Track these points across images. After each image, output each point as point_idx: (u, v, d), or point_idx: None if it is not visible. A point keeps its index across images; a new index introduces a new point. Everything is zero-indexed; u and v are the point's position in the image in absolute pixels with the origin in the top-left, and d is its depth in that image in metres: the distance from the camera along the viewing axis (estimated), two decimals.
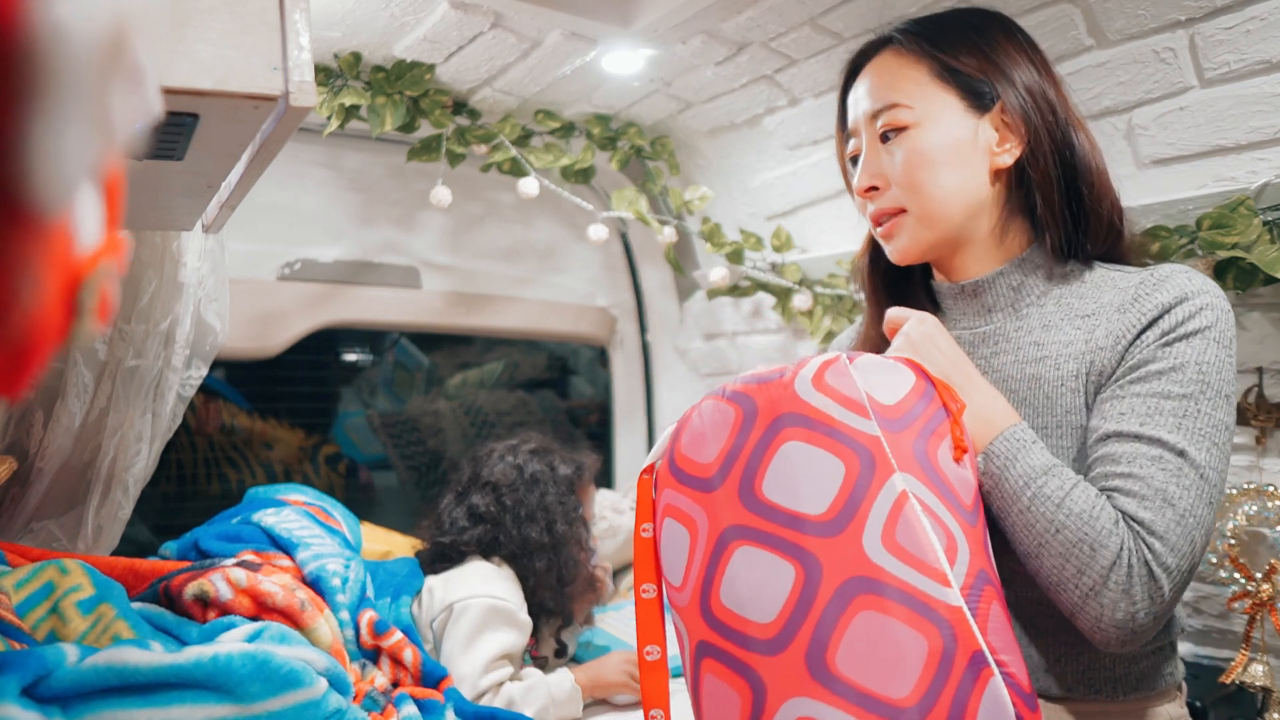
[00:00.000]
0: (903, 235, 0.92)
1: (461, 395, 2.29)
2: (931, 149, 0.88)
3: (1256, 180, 1.15)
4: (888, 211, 0.92)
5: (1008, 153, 0.90)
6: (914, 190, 0.89)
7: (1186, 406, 0.77)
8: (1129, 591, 0.74)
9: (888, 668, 0.65)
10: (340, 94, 1.47)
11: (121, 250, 0.28)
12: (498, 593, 1.31)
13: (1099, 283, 0.88)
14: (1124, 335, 0.82)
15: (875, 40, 0.96)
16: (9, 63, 0.20)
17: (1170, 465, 0.76)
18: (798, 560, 0.69)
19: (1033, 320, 0.90)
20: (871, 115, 0.92)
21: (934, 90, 0.89)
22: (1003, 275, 0.92)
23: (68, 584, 1.01)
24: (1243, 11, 1.09)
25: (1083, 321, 0.87)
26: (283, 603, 1.07)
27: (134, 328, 1.30)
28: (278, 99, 0.72)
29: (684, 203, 1.88)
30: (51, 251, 0.24)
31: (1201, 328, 0.79)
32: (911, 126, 0.89)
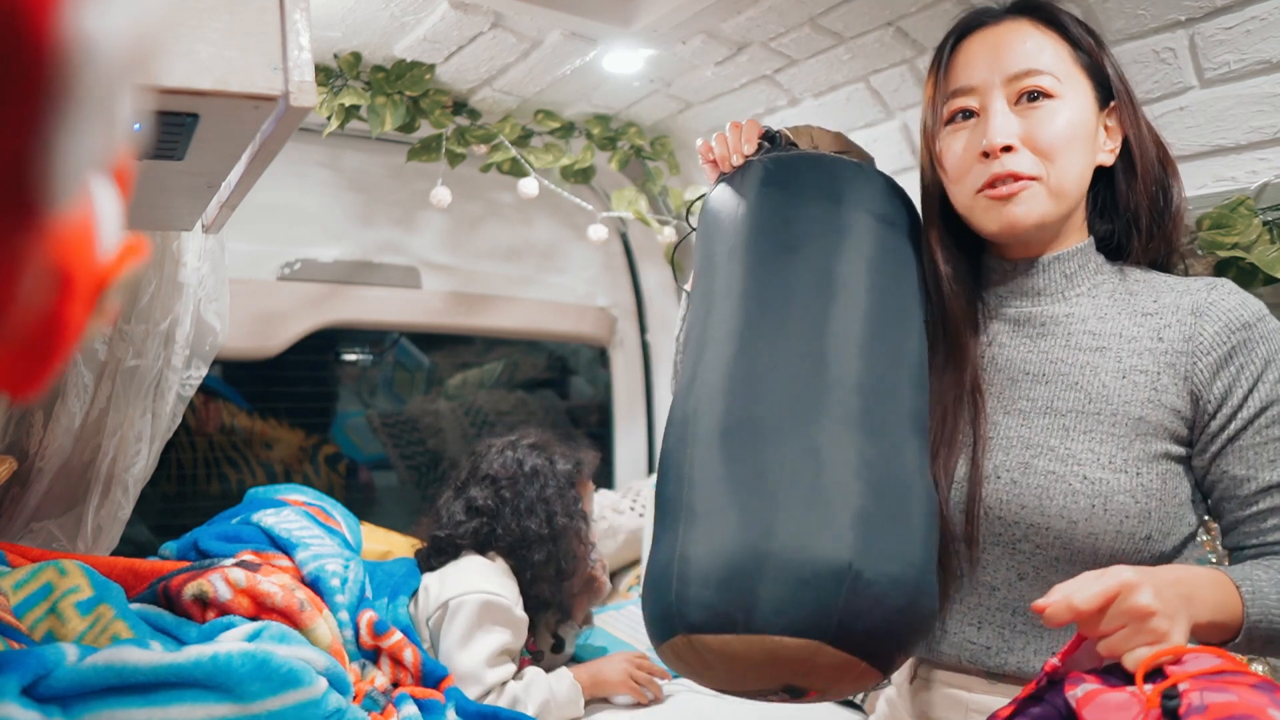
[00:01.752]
0: (1030, 203, 0.88)
1: (461, 395, 2.29)
2: (1073, 126, 0.88)
3: (1256, 180, 1.15)
4: (1019, 175, 0.87)
5: (1110, 152, 0.91)
6: (1055, 160, 0.87)
7: None
8: None
9: None
10: (340, 94, 1.47)
11: (143, 253, 0.28)
12: (492, 588, 1.31)
13: (1153, 283, 0.90)
14: (1212, 347, 0.84)
15: (997, 9, 0.94)
16: (40, 71, 0.20)
17: None
18: None
19: (1085, 309, 0.91)
20: (1013, 76, 0.88)
21: (1075, 70, 0.89)
22: (1059, 260, 0.92)
23: (66, 585, 1.01)
24: (1243, 11, 1.09)
25: (1145, 319, 0.87)
26: (282, 603, 1.07)
27: (134, 327, 1.30)
28: (278, 99, 0.72)
29: (684, 203, 1.88)
30: (77, 254, 0.24)
31: (1274, 351, 0.83)
32: (1057, 97, 0.87)
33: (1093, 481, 0.84)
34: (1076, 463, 0.85)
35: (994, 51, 0.90)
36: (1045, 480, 0.85)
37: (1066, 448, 0.86)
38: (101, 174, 0.25)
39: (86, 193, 0.24)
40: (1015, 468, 0.87)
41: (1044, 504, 0.84)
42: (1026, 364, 0.92)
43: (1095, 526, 0.83)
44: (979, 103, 0.90)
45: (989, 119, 0.88)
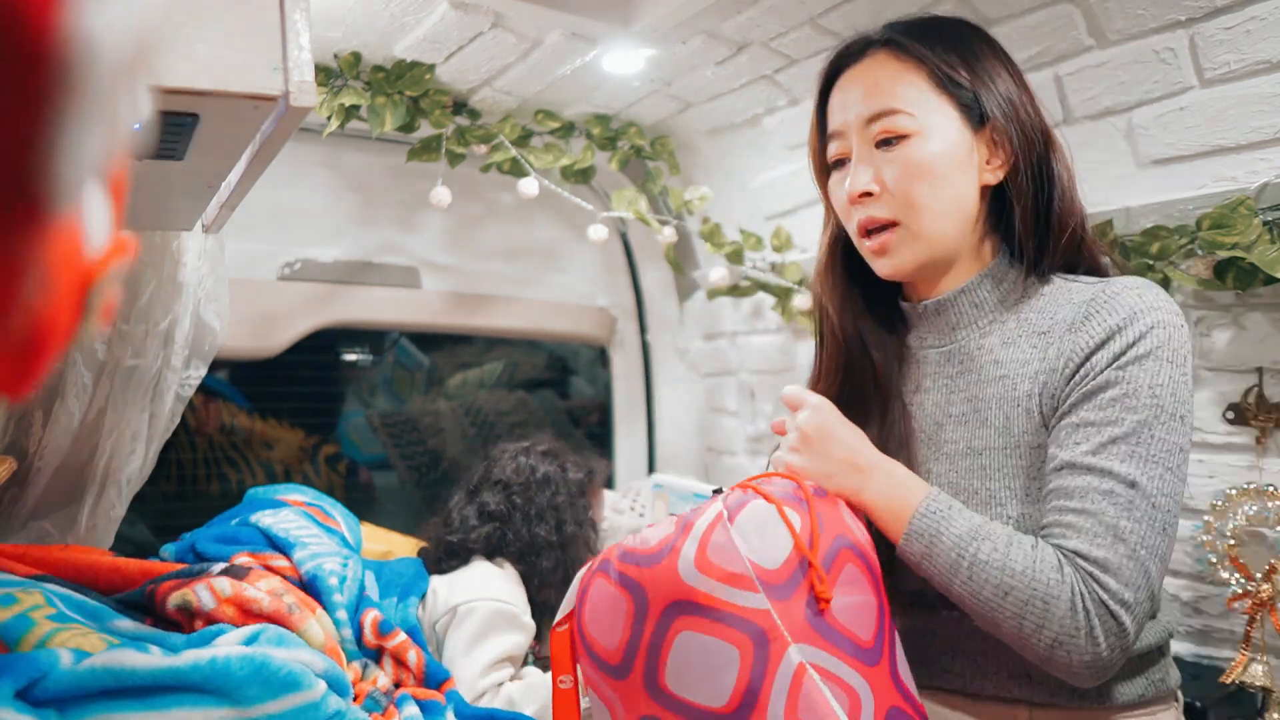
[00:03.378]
0: (898, 251, 0.87)
1: (461, 395, 2.29)
2: (932, 160, 0.85)
3: (1256, 180, 1.15)
4: (880, 222, 0.87)
5: (996, 169, 0.88)
6: (910, 203, 0.85)
7: (1140, 433, 0.77)
8: (1091, 634, 0.74)
9: None
10: (340, 94, 1.47)
11: (131, 251, 0.28)
12: (502, 595, 1.31)
13: (1055, 297, 0.87)
14: (1073, 356, 0.81)
15: (861, 41, 0.91)
16: (42, 68, 0.21)
17: (1121, 499, 0.75)
18: None
19: (994, 338, 0.89)
20: (868, 119, 0.87)
21: (935, 100, 0.86)
22: (964, 293, 0.90)
23: (29, 603, 0.98)
24: (1243, 11, 1.09)
25: (1039, 339, 0.85)
26: (269, 608, 1.06)
27: (133, 327, 1.29)
28: (278, 99, 0.72)
29: (684, 203, 1.88)
30: (62, 252, 0.24)
31: (1152, 349, 0.78)
32: (912, 135, 0.85)
33: (1015, 519, 0.84)
34: (998, 503, 0.85)
35: (854, 92, 0.89)
36: None
37: (988, 489, 0.86)
38: (100, 172, 0.25)
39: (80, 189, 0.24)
40: None
41: None
42: (950, 405, 0.90)
43: None
44: (846, 146, 0.90)
45: (852, 165, 0.89)
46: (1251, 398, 1.21)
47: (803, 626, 0.71)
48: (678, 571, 0.73)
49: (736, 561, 0.72)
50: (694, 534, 0.74)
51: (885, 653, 0.75)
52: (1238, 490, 1.21)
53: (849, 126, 0.89)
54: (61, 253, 0.24)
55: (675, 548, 0.74)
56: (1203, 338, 1.25)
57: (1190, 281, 1.19)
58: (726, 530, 0.73)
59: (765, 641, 0.70)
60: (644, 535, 0.78)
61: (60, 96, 0.21)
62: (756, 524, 0.74)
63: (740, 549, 0.72)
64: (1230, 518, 1.21)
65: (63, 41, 0.20)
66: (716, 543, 0.73)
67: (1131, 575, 0.74)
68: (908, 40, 0.88)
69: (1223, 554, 1.21)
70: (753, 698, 0.70)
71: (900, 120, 0.85)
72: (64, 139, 0.22)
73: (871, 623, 0.75)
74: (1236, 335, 1.22)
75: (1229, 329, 1.23)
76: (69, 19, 0.20)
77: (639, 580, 0.75)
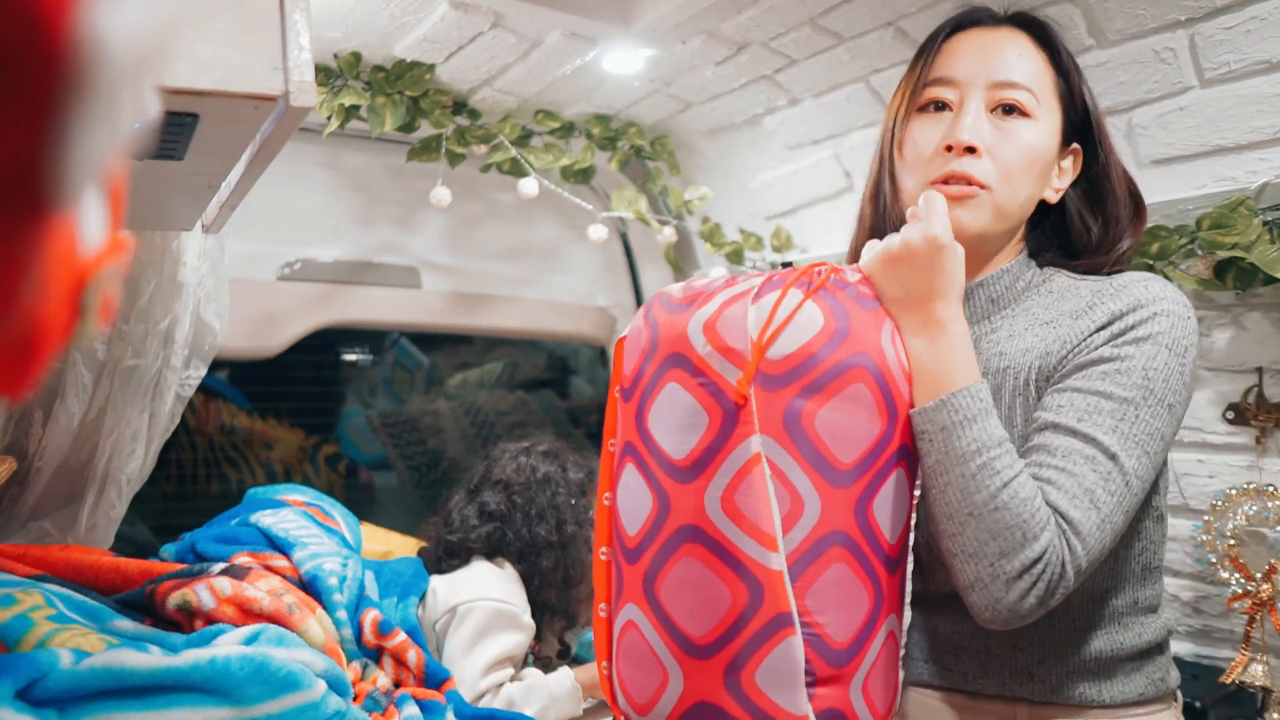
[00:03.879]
0: (976, 210, 0.86)
1: (461, 395, 2.29)
2: (1037, 149, 0.86)
3: (1256, 180, 1.15)
4: (973, 179, 0.85)
5: (1057, 191, 0.90)
6: (1009, 178, 0.86)
7: (1125, 410, 0.76)
8: (1045, 585, 0.73)
9: (695, 609, 0.73)
10: (340, 94, 1.47)
11: (126, 250, 0.28)
12: (501, 595, 1.31)
13: (1063, 291, 0.88)
14: (1071, 338, 0.82)
15: (995, 14, 0.92)
16: (53, 69, 0.21)
17: (1101, 467, 0.75)
18: (656, 495, 0.76)
19: (1002, 330, 0.90)
20: (996, 84, 0.86)
21: (1052, 98, 0.89)
22: (982, 286, 0.91)
23: (29, 603, 0.98)
24: (1243, 11, 1.09)
25: (1042, 329, 0.86)
26: (269, 608, 1.06)
27: (133, 327, 1.29)
28: (278, 99, 0.72)
29: (684, 203, 1.88)
30: (57, 251, 0.24)
31: (1153, 333, 0.78)
32: (1031, 117, 0.86)
33: None
34: None
35: (984, 52, 0.89)
36: None
37: None
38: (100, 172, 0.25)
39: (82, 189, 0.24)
40: None
41: None
42: None
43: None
44: (957, 97, 0.88)
45: (962, 115, 0.87)
46: (1251, 398, 1.21)
47: (775, 422, 0.72)
48: (686, 328, 0.76)
49: (739, 338, 0.73)
50: (717, 299, 0.76)
51: (860, 483, 0.74)
52: (1238, 490, 1.21)
53: (968, 78, 0.88)
54: (57, 252, 0.24)
55: (698, 305, 0.76)
56: (1203, 338, 1.25)
57: (1190, 281, 1.19)
58: (744, 306, 0.74)
59: (734, 420, 0.72)
60: (690, 283, 0.81)
61: (69, 98, 0.21)
62: (789, 302, 0.74)
63: (749, 328, 0.73)
64: (1230, 518, 1.21)
65: (75, 43, 0.20)
66: (730, 315, 0.74)
67: (1094, 544, 0.74)
68: (1040, 33, 0.90)
69: (1223, 554, 1.21)
70: (704, 463, 0.73)
71: (1025, 97, 0.86)
72: (69, 140, 0.22)
73: (857, 449, 0.74)
74: (1236, 335, 1.22)
75: (1229, 329, 1.23)
76: (82, 21, 0.20)
77: (658, 323, 0.79)
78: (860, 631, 0.74)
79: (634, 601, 0.78)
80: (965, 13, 0.93)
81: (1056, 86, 0.89)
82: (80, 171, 0.23)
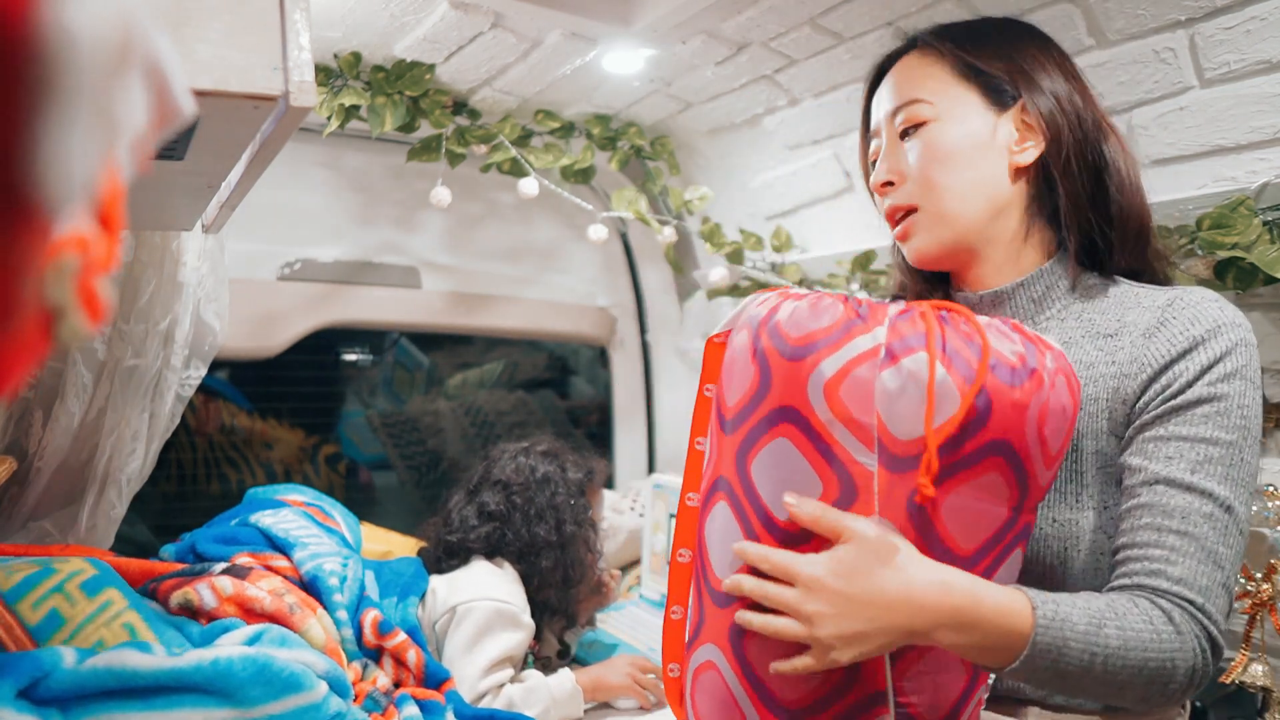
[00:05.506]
0: (918, 235, 0.89)
1: (461, 395, 2.29)
2: (948, 144, 0.86)
3: (1256, 180, 1.15)
4: (901, 208, 0.90)
5: (1028, 150, 0.86)
6: (928, 186, 0.87)
7: (1232, 455, 0.75)
8: (1205, 668, 0.72)
9: (788, 674, 0.70)
10: (340, 94, 1.47)
11: (91, 244, 0.27)
12: (501, 595, 1.31)
13: (1122, 299, 0.85)
14: (1151, 361, 0.79)
15: (900, 46, 0.95)
16: (20, 66, 0.20)
17: (1220, 523, 0.73)
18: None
19: (1052, 336, 0.86)
20: (892, 113, 0.90)
21: (955, 87, 0.88)
22: (1024, 286, 0.89)
23: (68, 570, 1.00)
24: (1243, 11, 1.09)
25: (1105, 341, 0.83)
26: (270, 608, 1.07)
27: (133, 327, 1.29)
28: (278, 99, 0.72)
29: (684, 203, 1.88)
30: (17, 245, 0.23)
31: (1239, 367, 0.77)
32: (930, 122, 0.87)
33: (1061, 524, 0.82)
34: (1045, 505, 0.83)
35: (884, 91, 0.93)
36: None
37: (1056, 490, 0.83)
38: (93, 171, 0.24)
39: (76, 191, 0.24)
40: None
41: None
42: None
43: (1072, 566, 0.81)
44: (879, 142, 0.93)
45: (879, 158, 0.92)
46: None
47: (898, 506, 0.67)
48: (806, 384, 0.68)
49: (867, 411, 0.67)
50: (842, 354, 0.68)
51: (977, 569, 0.70)
52: None
53: (879, 122, 0.93)
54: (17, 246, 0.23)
55: (819, 355, 0.68)
56: None
57: (1190, 281, 1.19)
58: (874, 371, 0.66)
59: (852, 496, 0.67)
60: (799, 315, 0.70)
61: (41, 94, 0.21)
62: (909, 381, 0.66)
63: (877, 401, 0.66)
64: None
65: (39, 38, 0.20)
66: (858, 377, 0.67)
67: (1222, 604, 0.73)
68: (932, 38, 0.91)
69: None
70: (808, 535, 0.68)
71: (920, 109, 0.88)
72: (49, 138, 0.21)
73: (982, 535, 0.70)
74: None
75: None
76: (46, 14, 0.20)
77: (771, 366, 0.71)
78: (950, 710, 0.71)
79: (717, 644, 0.75)
80: (878, 64, 0.97)
81: (957, 72, 0.88)
82: (66, 171, 0.22)
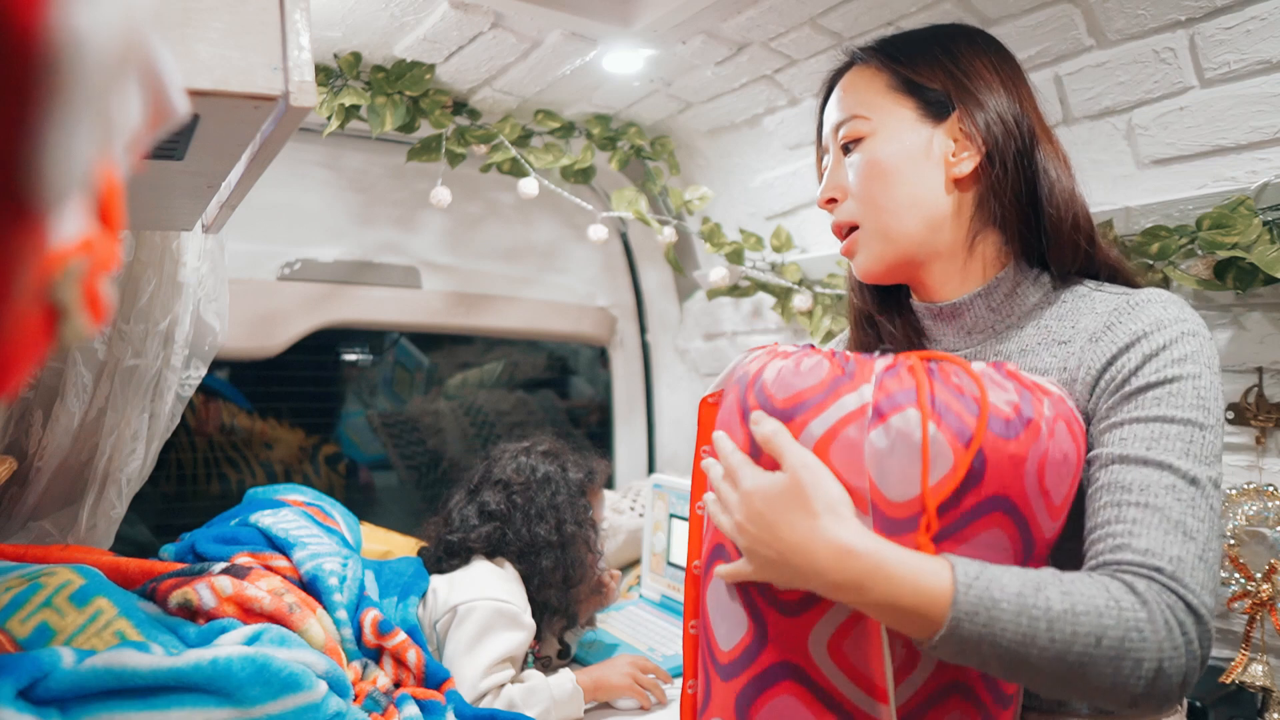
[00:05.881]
0: (861, 252, 0.90)
1: (461, 395, 2.29)
2: (884, 158, 0.86)
3: (1256, 180, 1.15)
4: (844, 225, 0.91)
5: (965, 160, 0.85)
6: (867, 203, 0.88)
7: (1192, 432, 0.72)
8: (1189, 644, 0.64)
9: None
10: (340, 94, 1.47)
11: (98, 247, 0.27)
12: (502, 595, 1.31)
13: (1078, 306, 0.84)
14: (1094, 363, 0.78)
15: (848, 58, 0.95)
16: (28, 68, 0.20)
17: (1185, 495, 0.69)
18: (753, 619, 0.73)
19: (1011, 345, 0.86)
20: (835, 128, 0.91)
21: (890, 101, 0.88)
22: (981, 296, 0.87)
23: (55, 583, 1.00)
24: (1243, 11, 1.09)
25: (1059, 349, 0.82)
26: (270, 608, 1.07)
27: (133, 327, 1.29)
28: (278, 99, 0.72)
29: (684, 203, 1.88)
30: (26, 248, 0.23)
31: (1189, 353, 0.74)
32: (867, 137, 0.88)
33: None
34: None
35: (832, 104, 0.93)
36: None
37: None
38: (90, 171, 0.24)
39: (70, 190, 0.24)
40: None
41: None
42: None
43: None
44: (828, 160, 0.94)
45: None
46: (1251, 398, 1.21)
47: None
48: (798, 441, 0.67)
49: (858, 473, 0.64)
50: (829, 414, 0.65)
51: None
52: (1238, 490, 1.21)
53: (827, 139, 0.94)
54: (26, 249, 0.23)
55: (806, 416, 0.66)
56: None
57: (1190, 281, 1.19)
58: (863, 431, 0.64)
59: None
60: (785, 375, 0.69)
61: (47, 96, 0.21)
62: (899, 440, 0.63)
63: (868, 461, 0.64)
64: (1230, 518, 1.21)
65: (49, 41, 0.20)
66: (847, 438, 0.64)
67: (1201, 577, 0.66)
68: (874, 53, 0.91)
69: (1222, 554, 1.21)
70: (812, 600, 0.68)
71: (858, 125, 0.89)
72: (52, 139, 0.21)
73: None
74: (1236, 335, 1.22)
75: (1229, 329, 1.23)
76: (56, 18, 0.20)
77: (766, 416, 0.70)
78: (883, 692, 0.68)
79: (724, 718, 0.74)
80: (829, 75, 0.97)
81: (892, 84, 0.88)
82: (67, 172, 0.22)
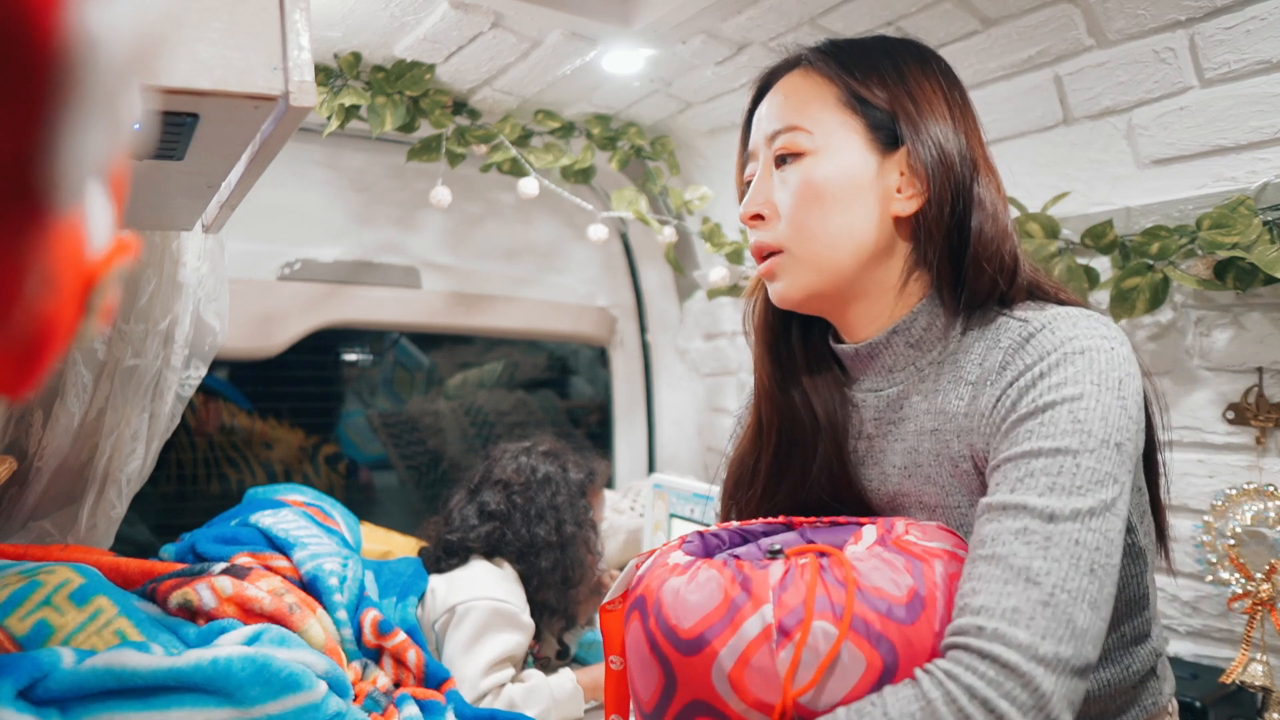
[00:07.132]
0: (783, 278, 0.81)
1: (461, 395, 2.29)
2: (825, 181, 0.78)
3: (1256, 180, 1.15)
4: (768, 247, 0.81)
5: (909, 200, 0.78)
6: (799, 228, 0.79)
7: (1062, 462, 0.65)
8: (987, 706, 0.58)
9: None
10: (340, 94, 1.47)
11: (132, 250, 0.29)
12: (500, 595, 1.31)
13: (990, 341, 0.76)
14: (988, 403, 0.73)
15: (788, 59, 0.85)
16: (44, 68, 0.20)
17: (1036, 536, 0.63)
18: None
19: (928, 384, 0.80)
20: (770, 136, 0.82)
21: (839, 118, 0.79)
22: (897, 333, 0.81)
23: (55, 581, 1.00)
24: (1243, 11, 1.09)
25: (968, 389, 0.76)
26: (270, 608, 1.07)
27: (133, 327, 1.30)
28: (278, 99, 0.72)
29: (684, 203, 1.88)
30: (65, 252, 0.24)
31: (1069, 376, 0.68)
32: (808, 154, 0.79)
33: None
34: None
35: (765, 110, 0.83)
36: None
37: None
38: (101, 172, 0.25)
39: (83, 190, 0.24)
40: None
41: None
42: (893, 456, 0.82)
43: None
44: (755, 167, 0.84)
45: (752, 185, 0.83)
46: (1251, 398, 1.21)
47: None
48: (710, 676, 0.66)
49: (773, 692, 0.64)
50: (735, 642, 0.65)
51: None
52: (1238, 490, 1.21)
53: (756, 144, 0.85)
54: (64, 253, 0.24)
55: (713, 647, 0.66)
56: (1203, 338, 1.26)
57: (1190, 281, 1.19)
58: (771, 653, 0.64)
59: None
60: (682, 601, 0.68)
61: (62, 97, 0.21)
62: (810, 655, 0.64)
63: (781, 679, 0.63)
64: (1230, 518, 1.21)
65: (65, 41, 0.20)
66: (758, 665, 0.64)
67: (1048, 624, 0.60)
68: (823, 58, 0.82)
69: (1223, 554, 1.21)
70: None
71: (798, 137, 0.79)
72: (65, 139, 0.22)
73: None
74: (1236, 335, 1.22)
75: (1229, 329, 1.23)
76: (72, 19, 0.20)
77: (672, 662, 0.68)
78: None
79: None
80: (762, 74, 0.87)
81: (846, 103, 0.79)
82: (79, 171, 0.23)
